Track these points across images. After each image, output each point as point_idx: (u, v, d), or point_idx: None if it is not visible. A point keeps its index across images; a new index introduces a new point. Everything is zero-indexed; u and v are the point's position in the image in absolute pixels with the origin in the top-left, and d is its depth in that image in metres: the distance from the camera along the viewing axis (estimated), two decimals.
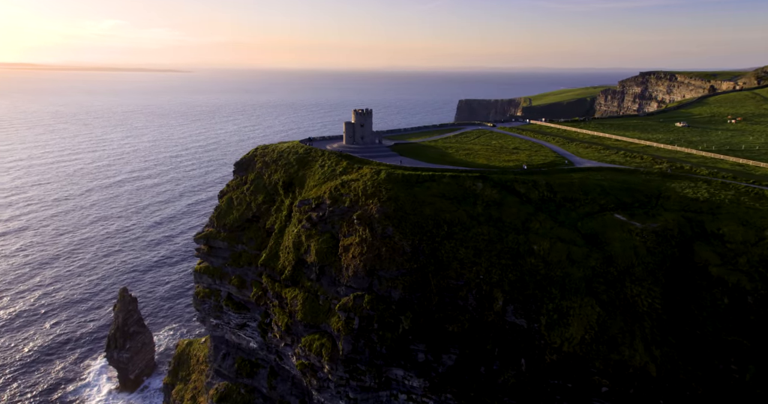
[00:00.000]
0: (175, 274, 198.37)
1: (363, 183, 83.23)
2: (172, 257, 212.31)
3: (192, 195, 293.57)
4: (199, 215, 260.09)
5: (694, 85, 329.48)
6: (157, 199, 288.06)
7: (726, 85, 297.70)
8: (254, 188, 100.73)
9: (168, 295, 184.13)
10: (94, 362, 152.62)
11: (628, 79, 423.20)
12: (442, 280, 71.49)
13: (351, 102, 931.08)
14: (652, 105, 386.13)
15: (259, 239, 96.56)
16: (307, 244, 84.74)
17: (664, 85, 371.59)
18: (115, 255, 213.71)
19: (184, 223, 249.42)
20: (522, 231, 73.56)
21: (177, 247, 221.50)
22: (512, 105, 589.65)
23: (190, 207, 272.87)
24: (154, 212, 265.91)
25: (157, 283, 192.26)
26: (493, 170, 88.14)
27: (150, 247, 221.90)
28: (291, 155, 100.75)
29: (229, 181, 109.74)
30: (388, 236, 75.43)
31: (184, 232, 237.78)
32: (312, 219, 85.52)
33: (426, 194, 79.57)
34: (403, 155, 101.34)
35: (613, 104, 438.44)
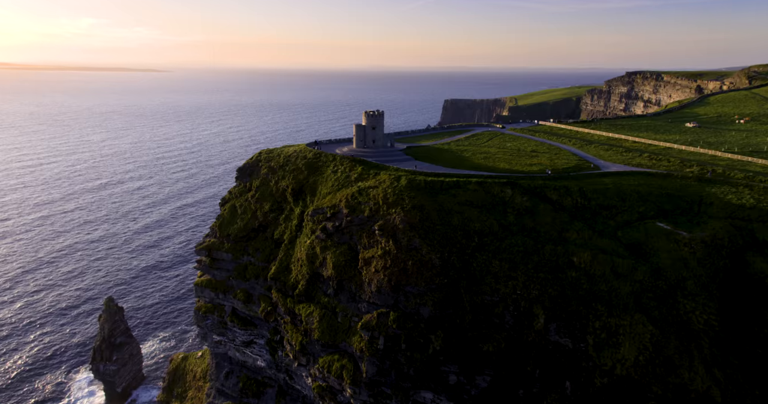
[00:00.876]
0: (163, 281, 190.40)
1: (383, 191, 77.75)
2: (160, 263, 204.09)
3: (178, 199, 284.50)
4: (186, 219, 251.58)
5: (681, 85, 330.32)
6: (142, 203, 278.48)
7: (712, 84, 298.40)
8: (260, 196, 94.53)
9: (156, 303, 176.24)
10: (79, 376, 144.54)
11: (615, 79, 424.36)
12: (475, 296, 66.41)
13: (337, 102, 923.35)
14: (639, 105, 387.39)
15: (267, 250, 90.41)
16: (322, 256, 78.99)
17: (650, 85, 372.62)
18: (100, 262, 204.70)
19: (171, 228, 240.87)
20: (559, 242, 68.86)
21: (164, 253, 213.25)
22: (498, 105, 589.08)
23: (177, 211, 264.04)
24: (139, 217, 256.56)
25: (145, 291, 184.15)
26: (518, 175, 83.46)
27: (136, 253, 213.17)
28: (299, 160, 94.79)
29: (231, 187, 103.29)
30: (414, 249, 70.08)
31: (171, 237, 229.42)
32: (327, 230, 79.79)
33: (452, 202, 74.43)
34: (418, 159, 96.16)
35: (599, 103, 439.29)
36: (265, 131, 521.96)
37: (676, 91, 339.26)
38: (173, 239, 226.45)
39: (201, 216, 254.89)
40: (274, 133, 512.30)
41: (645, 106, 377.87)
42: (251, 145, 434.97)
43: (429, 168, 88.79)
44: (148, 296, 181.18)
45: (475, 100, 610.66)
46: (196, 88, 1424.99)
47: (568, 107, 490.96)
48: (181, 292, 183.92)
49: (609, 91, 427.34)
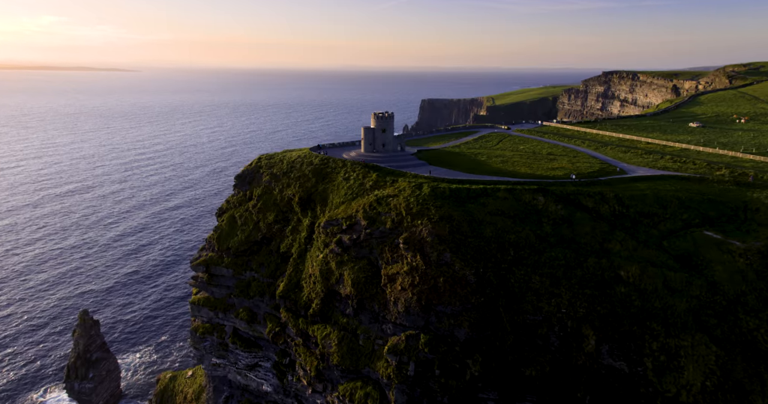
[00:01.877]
0: (142, 292, 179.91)
1: (404, 200, 71.71)
2: (137, 272, 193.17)
3: (155, 204, 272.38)
4: (165, 225, 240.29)
5: (657, 84, 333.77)
6: (116, 209, 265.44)
7: (688, 84, 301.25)
8: (262, 206, 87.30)
9: (134, 315, 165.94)
10: (53, 395, 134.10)
11: (591, 79, 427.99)
12: (516, 315, 60.98)
13: (312, 102, 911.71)
14: (615, 104, 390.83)
15: (272, 264, 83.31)
16: (338, 272, 72.48)
17: (626, 85, 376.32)
18: (73, 274, 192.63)
19: (149, 235, 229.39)
20: (602, 254, 64.03)
21: (142, 262, 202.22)
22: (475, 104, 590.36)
23: (154, 217, 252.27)
24: (113, 224, 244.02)
25: (122, 302, 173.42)
26: (544, 180, 78.53)
27: (111, 263, 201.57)
28: (305, 166, 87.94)
29: (229, 196, 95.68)
30: (445, 264, 64.26)
31: (149, 245, 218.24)
32: (343, 243, 73.28)
33: (482, 211, 68.88)
34: (432, 163, 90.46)
35: (576, 103, 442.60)
36: (241, 132, 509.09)
37: (652, 90, 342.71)
38: (151, 247, 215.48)
39: (180, 222, 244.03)
40: (252, 134, 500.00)
41: (621, 105, 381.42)
42: (228, 146, 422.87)
43: (447, 174, 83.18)
44: (125, 308, 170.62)
45: (452, 99, 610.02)
46: (166, 88, 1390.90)
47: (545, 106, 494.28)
48: (161, 303, 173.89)
49: (586, 91, 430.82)
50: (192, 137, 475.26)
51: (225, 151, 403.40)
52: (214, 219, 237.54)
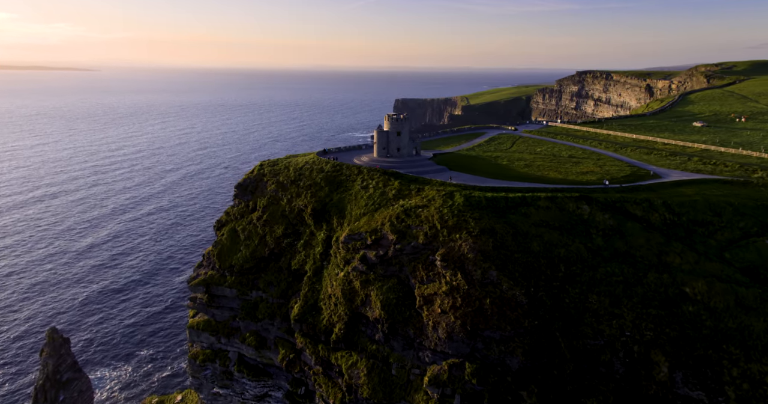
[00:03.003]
0: (114, 306, 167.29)
1: (437, 211, 64.94)
2: (111, 285, 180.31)
3: (127, 211, 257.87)
4: (139, 233, 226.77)
5: (631, 84, 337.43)
6: (85, 217, 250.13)
7: (661, 83, 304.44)
8: (269, 218, 79.14)
9: (108, 331, 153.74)
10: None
11: (566, 78, 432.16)
12: (574, 340, 54.95)
13: (284, 102, 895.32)
14: (589, 103, 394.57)
15: (283, 283, 75.35)
16: (364, 293, 65.19)
17: (600, 84, 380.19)
18: (40, 288, 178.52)
19: (122, 244, 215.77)
20: (661, 268, 58.64)
21: (116, 273, 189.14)
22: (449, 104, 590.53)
23: (125, 225, 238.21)
24: (82, 234, 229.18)
25: (94, 318, 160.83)
26: (580, 186, 73.22)
27: (82, 275, 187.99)
28: (315, 173, 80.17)
29: (228, 207, 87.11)
30: (490, 283, 57.75)
31: (123, 255, 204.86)
32: (368, 260, 66.02)
33: (526, 223, 62.68)
34: (452, 169, 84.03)
35: (551, 102, 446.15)
36: (214, 134, 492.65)
37: (626, 90, 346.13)
38: (125, 258, 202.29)
39: (155, 230, 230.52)
40: (225, 135, 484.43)
41: (595, 104, 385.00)
42: (202, 148, 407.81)
43: (471, 180, 76.86)
44: (99, 324, 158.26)
45: (426, 99, 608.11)
46: (129, 88, 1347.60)
47: (518, 105, 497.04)
48: (138, 317, 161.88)
49: (560, 90, 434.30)
50: (162, 139, 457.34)
51: (198, 153, 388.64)
52: (191, 227, 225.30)
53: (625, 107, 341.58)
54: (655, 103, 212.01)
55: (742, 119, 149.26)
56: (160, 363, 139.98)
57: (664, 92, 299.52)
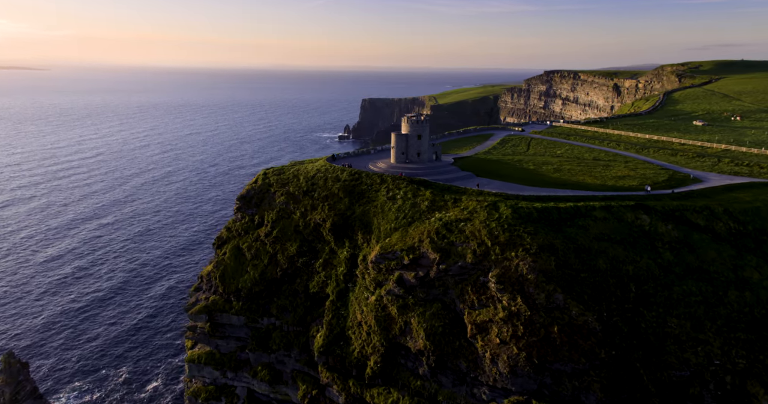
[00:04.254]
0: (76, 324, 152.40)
1: (483, 225, 57.54)
2: (74, 303, 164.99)
3: (87, 220, 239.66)
4: (101, 246, 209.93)
5: (598, 83, 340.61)
6: (42, 228, 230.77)
7: (628, 83, 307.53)
8: (279, 234, 70.02)
9: (70, 352, 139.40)
10: None
11: (534, 78, 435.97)
12: (657, 371, 48.46)
13: (246, 102, 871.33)
14: (557, 102, 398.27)
15: (300, 309, 66.46)
16: (402, 320, 57.20)
17: (568, 83, 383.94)
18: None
19: (83, 259, 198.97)
20: (740, 285, 53.13)
21: (79, 290, 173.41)
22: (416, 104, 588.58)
23: (87, 236, 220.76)
24: (39, 247, 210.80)
25: (54, 339, 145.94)
26: (623, 193, 67.57)
27: (40, 294, 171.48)
28: (331, 182, 71.46)
29: (229, 221, 77.41)
30: (557, 308, 50.76)
31: (85, 269, 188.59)
32: (406, 282, 58.05)
33: (586, 237, 56.08)
34: (479, 175, 76.84)
35: (519, 101, 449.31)
36: (180, 135, 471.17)
37: (593, 89, 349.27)
38: (89, 272, 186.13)
39: (120, 241, 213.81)
40: (192, 137, 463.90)
41: (563, 103, 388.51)
42: (168, 151, 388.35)
43: (505, 187, 70.17)
44: (61, 345, 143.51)
45: (393, 99, 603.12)
46: (83, 88, 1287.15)
47: (486, 104, 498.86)
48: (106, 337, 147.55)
49: (528, 90, 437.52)
50: (121, 142, 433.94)
51: (163, 156, 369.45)
52: (159, 236, 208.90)
53: (592, 106, 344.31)
54: (639, 101, 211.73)
55: (738, 117, 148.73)
56: (131, 387, 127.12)
57: (631, 91, 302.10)
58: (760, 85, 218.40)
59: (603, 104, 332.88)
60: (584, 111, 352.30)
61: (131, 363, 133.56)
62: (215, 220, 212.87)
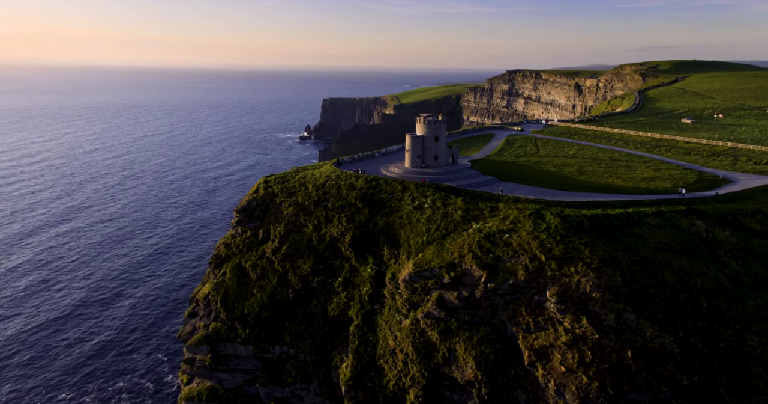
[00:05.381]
0: (25, 345, 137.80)
1: (531, 236, 51.64)
2: (19, 324, 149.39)
3: (35, 232, 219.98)
4: (54, 259, 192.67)
5: (560, 82, 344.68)
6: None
7: (589, 82, 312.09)
8: (290, 250, 61.99)
9: (24, 376, 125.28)
10: None
11: (496, 77, 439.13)
12: (745, 397, 43.68)
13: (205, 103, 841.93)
14: (520, 101, 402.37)
15: (319, 335, 58.73)
16: (445, 347, 50.57)
17: (530, 83, 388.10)
18: None
19: (32, 275, 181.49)
20: None
21: (26, 312, 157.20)
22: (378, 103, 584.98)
23: (38, 249, 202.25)
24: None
25: (3, 362, 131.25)
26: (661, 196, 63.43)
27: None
28: (345, 191, 63.95)
29: (225, 236, 68.66)
30: (628, 329, 45.38)
31: (36, 287, 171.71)
32: (447, 303, 51.45)
33: (646, 247, 51.07)
34: (502, 179, 70.94)
35: (482, 100, 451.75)
36: (135, 138, 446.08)
37: (555, 88, 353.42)
38: (43, 288, 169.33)
39: (76, 255, 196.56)
40: (148, 139, 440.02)
41: (526, 102, 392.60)
42: (123, 154, 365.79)
43: (535, 192, 64.88)
44: (14, 374, 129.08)
45: (355, 99, 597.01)
46: (20, 87, 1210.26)
47: (449, 104, 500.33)
48: (66, 361, 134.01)
49: (491, 89, 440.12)
50: (71, 145, 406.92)
51: (118, 160, 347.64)
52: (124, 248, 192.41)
53: (554, 105, 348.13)
54: (616, 100, 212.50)
55: (720, 115, 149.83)
56: None
57: (592, 90, 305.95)
58: (726, 83, 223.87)
59: (565, 102, 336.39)
60: (546, 110, 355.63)
61: (94, 393, 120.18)
62: (178, 227, 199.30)
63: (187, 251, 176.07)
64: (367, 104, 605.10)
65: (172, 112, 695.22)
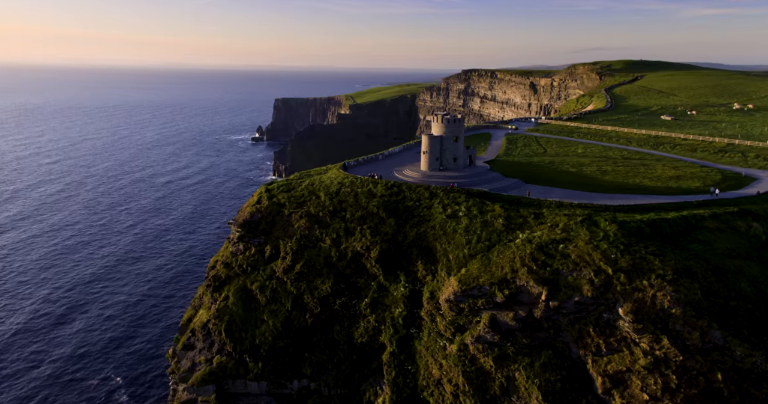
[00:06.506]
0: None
1: (591, 246, 46.51)
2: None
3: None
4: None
5: (515, 81, 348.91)
6: None
7: (544, 81, 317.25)
8: (304, 268, 54.18)
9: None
10: None
11: (452, 77, 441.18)
12: None
13: (149, 103, 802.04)
14: (476, 101, 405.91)
15: (345, 365, 51.31)
16: (502, 375, 44.58)
17: (485, 82, 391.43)
18: None
19: None
20: None
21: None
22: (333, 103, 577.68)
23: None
24: None
25: None
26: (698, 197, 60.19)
27: None
28: (364, 199, 56.72)
29: (223, 254, 59.64)
30: (715, 348, 40.85)
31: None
32: (502, 325, 45.43)
33: (714, 254, 46.81)
34: (526, 182, 65.69)
35: (438, 100, 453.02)
36: (74, 141, 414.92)
37: (510, 87, 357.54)
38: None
39: (19, 270, 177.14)
40: (89, 142, 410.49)
41: (482, 101, 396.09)
42: (66, 159, 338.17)
43: (570, 196, 60.26)
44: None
45: (308, 98, 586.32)
46: None
47: (405, 103, 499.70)
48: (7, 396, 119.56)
49: (447, 89, 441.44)
50: (2, 151, 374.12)
51: (61, 166, 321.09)
52: (72, 262, 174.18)
53: (510, 104, 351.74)
54: (584, 98, 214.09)
55: (693, 112, 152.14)
56: None
57: (546, 89, 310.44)
58: (684, 81, 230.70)
59: (521, 101, 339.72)
60: (502, 109, 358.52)
61: None
62: (132, 237, 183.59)
63: (143, 262, 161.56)
64: (321, 104, 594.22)
65: (112, 113, 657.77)
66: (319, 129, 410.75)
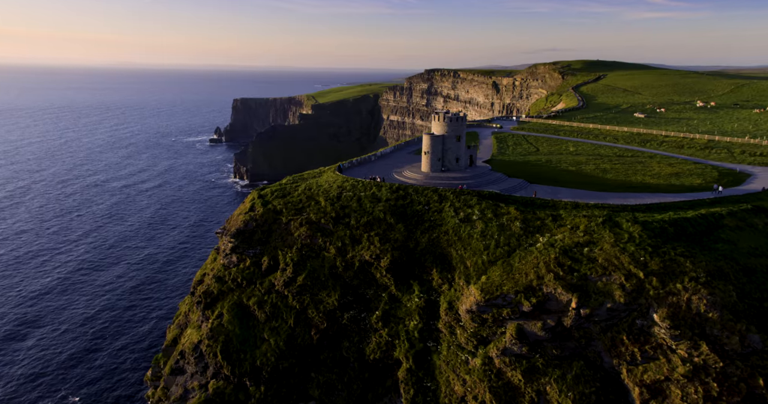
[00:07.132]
0: None
1: (618, 249, 44.58)
2: None
3: None
4: None
5: (478, 81, 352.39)
6: None
7: (506, 80, 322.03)
8: (307, 281, 49.97)
9: None
10: None
11: (415, 76, 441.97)
12: None
13: (98, 104, 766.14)
14: (439, 100, 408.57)
15: (356, 385, 47.52)
16: (532, 390, 42.00)
17: (448, 82, 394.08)
18: None
19: None
20: None
21: None
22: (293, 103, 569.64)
23: None
24: None
25: None
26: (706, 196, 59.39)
27: None
28: (368, 203, 52.96)
29: (212, 266, 54.45)
30: (754, 353, 39.49)
31: None
32: (530, 335, 42.81)
33: (741, 254, 45.62)
34: (530, 182, 63.49)
35: (402, 99, 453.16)
36: (17, 145, 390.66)
37: (473, 86, 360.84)
38: None
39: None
40: (36, 145, 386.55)
41: (445, 101, 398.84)
42: (10, 164, 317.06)
43: (580, 195, 58.45)
44: None
45: (268, 99, 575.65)
46: None
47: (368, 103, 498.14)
48: None
49: (410, 88, 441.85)
50: None
51: (4, 171, 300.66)
52: (20, 274, 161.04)
53: (473, 103, 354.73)
54: (553, 97, 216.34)
55: (662, 109, 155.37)
56: None
57: (509, 89, 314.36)
58: (645, 80, 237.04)
59: (483, 101, 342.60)
60: (465, 108, 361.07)
61: None
62: (87, 245, 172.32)
63: (100, 271, 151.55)
64: (281, 104, 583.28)
65: (58, 115, 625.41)
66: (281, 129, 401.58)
